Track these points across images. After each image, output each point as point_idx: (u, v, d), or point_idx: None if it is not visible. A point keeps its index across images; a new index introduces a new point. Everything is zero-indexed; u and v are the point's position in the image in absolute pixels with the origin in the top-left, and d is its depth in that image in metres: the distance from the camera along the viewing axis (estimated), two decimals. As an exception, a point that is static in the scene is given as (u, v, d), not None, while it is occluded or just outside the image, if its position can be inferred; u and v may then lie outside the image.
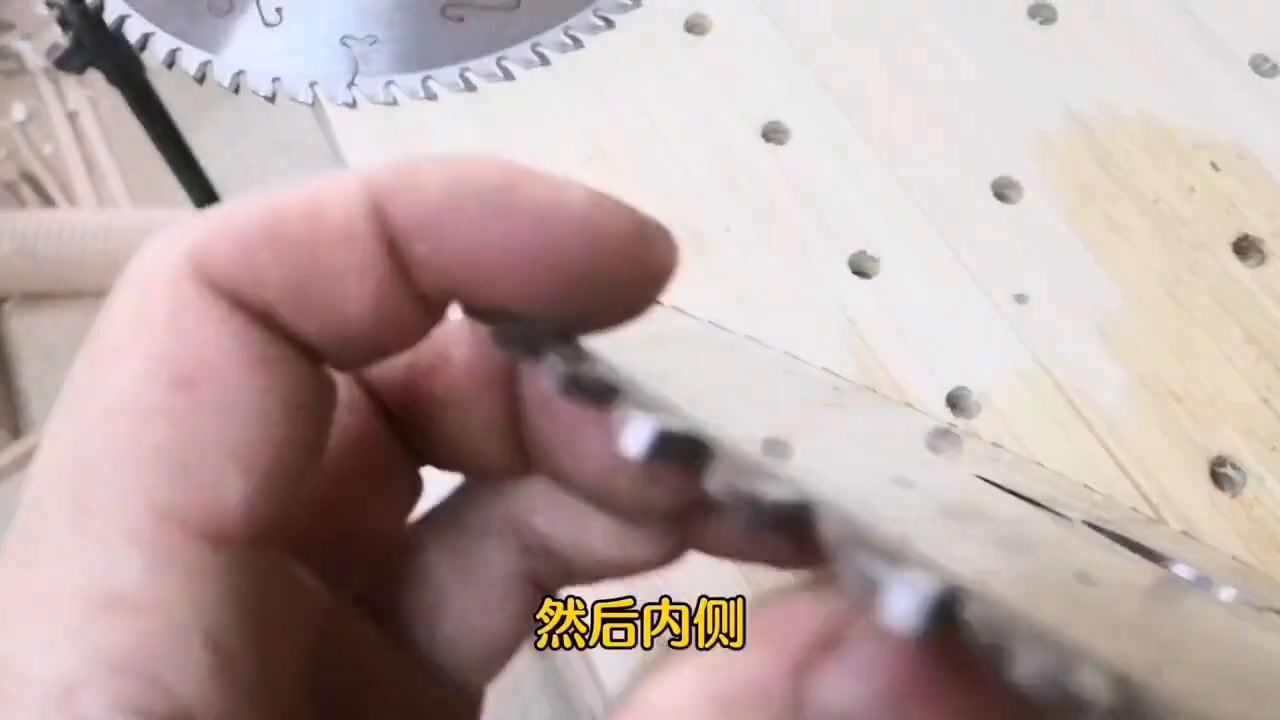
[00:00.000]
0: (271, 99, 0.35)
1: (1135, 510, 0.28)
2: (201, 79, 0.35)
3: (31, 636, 0.11)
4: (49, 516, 0.11)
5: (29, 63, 1.71)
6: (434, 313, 0.13)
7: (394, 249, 0.12)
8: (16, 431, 1.38)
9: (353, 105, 0.35)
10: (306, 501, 0.13)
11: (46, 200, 1.56)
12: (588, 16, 0.36)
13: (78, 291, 1.44)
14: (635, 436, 0.10)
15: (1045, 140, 0.34)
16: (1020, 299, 0.31)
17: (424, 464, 0.16)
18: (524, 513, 0.16)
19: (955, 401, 0.30)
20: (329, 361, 0.13)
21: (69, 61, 0.70)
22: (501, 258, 0.12)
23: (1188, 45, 0.35)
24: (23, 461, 1.36)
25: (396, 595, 0.16)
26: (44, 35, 1.73)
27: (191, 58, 0.35)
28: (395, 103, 0.35)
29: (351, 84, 0.35)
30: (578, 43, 0.36)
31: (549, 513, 0.16)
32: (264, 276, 0.12)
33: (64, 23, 0.69)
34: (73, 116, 1.65)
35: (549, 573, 0.16)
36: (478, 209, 0.12)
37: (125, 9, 0.37)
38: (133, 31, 0.36)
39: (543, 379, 0.11)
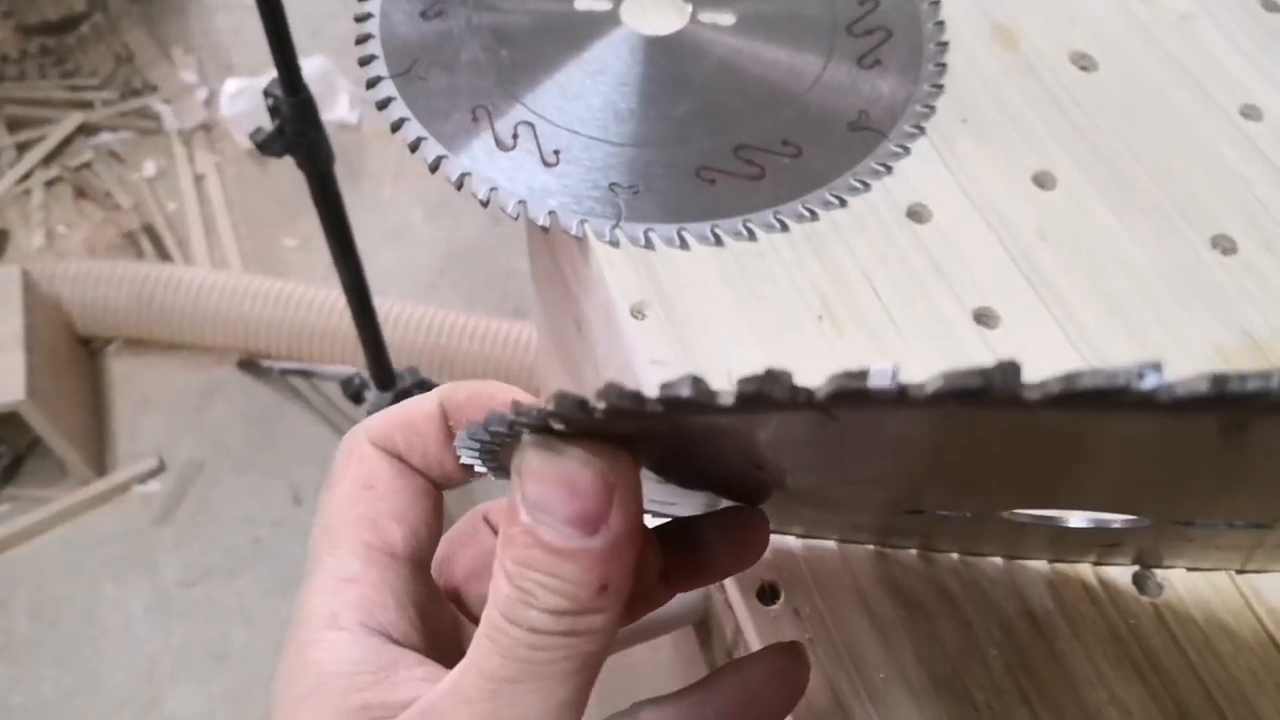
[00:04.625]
0: (546, 230, 0.40)
1: None
2: (486, 203, 0.41)
3: (315, 599, 0.24)
4: (319, 550, 0.25)
5: (166, 124, 1.82)
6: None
7: (447, 425, 0.25)
8: (101, 469, 1.43)
9: (616, 245, 0.40)
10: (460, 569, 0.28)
11: (163, 254, 1.64)
12: (823, 194, 0.41)
13: (180, 343, 1.50)
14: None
15: (1225, 357, 0.38)
16: (1200, 495, 0.35)
17: None
18: None
19: (1139, 580, 0.34)
20: (430, 480, 0.26)
21: (269, 146, 0.77)
22: None
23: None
24: (102, 499, 1.41)
25: None
26: (185, 101, 1.85)
27: (480, 183, 0.41)
28: (652, 247, 0.40)
29: (616, 226, 0.40)
30: (813, 215, 0.41)
31: None
32: (395, 438, 0.25)
33: (274, 111, 0.76)
34: (199, 179, 1.75)
35: None
36: (478, 406, 0.25)
37: (422, 132, 0.42)
38: (428, 153, 0.42)
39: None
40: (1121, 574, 0.34)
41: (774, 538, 0.35)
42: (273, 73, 1.76)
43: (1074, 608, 0.33)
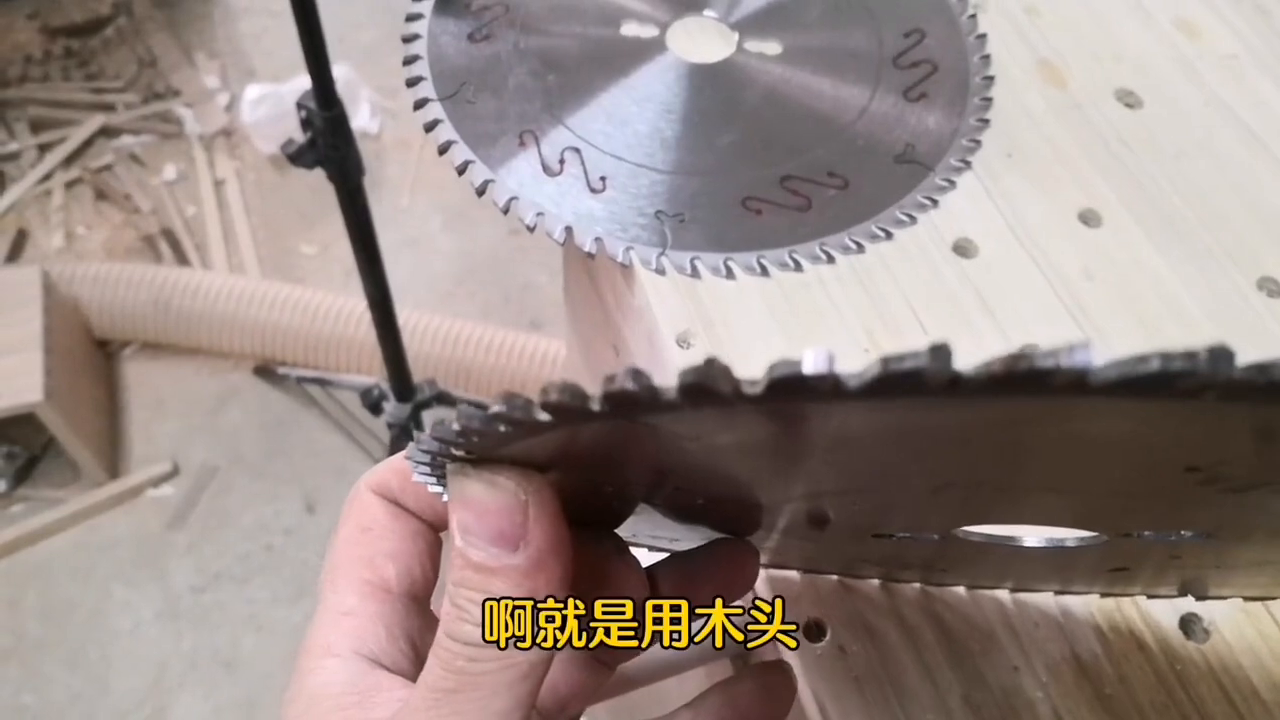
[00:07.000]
0: (592, 256, 0.40)
1: None
2: (532, 228, 0.41)
3: (316, 631, 0.26)
4: (324, 588, 0.27)
5: (187, 128, 1.83)
6: None
7: None
8: (114, 472, 1.43)
9: (662, 273, 0.40)
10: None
11: (181, 258, 1.65)
12: (869, 227, 0.41)
13: (196, 348, 1.51)
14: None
15: (1272, 401, 0.38)
16: (1247, 541, 0.35)
17: None
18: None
19: (1186, 625, 0.33)
20: (425, 521, 0.28)
21: (301, 158, 0.78)
22: None
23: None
24: (115, 501, 1.41)
25: None
26: (206, 106, 1.86)
27: (526, 208, 0.41)
28: (698, 276, 0.40)
29: (662, 254, 0.40)
30: (859, 247, 0.41)
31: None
32: (391, 484, 0.27)
33: (306, 123, 0.76)
34: (219, 184, 1.75)
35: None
36: None
37: (470, 156, 0.42)
38: (475, 177, 0.42)
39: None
40: (1169, 618, 0.34)
41: (818, 575, 0.35)
42: (295, 79, 1.76)
43: (1121, 652, 0.33)
